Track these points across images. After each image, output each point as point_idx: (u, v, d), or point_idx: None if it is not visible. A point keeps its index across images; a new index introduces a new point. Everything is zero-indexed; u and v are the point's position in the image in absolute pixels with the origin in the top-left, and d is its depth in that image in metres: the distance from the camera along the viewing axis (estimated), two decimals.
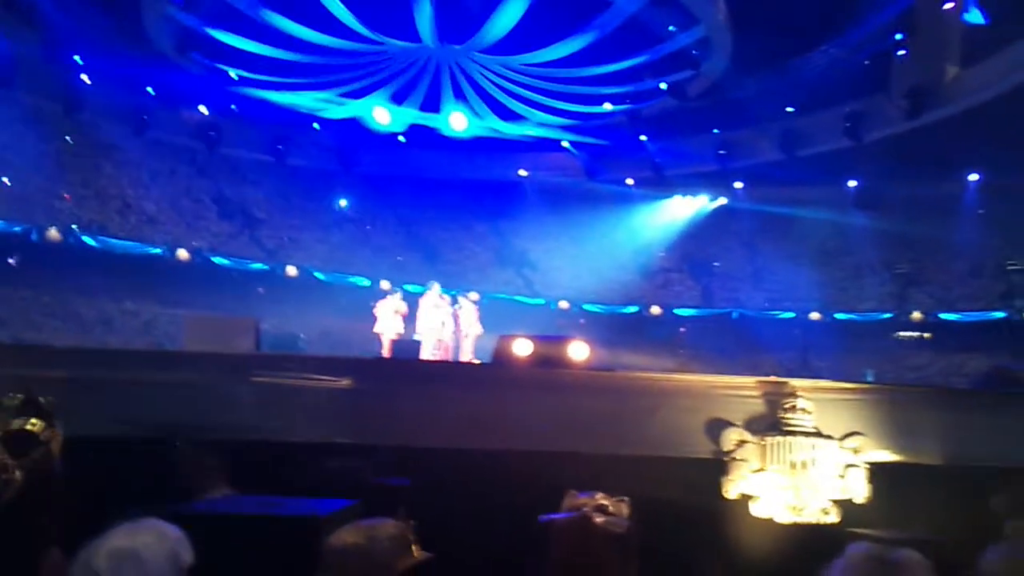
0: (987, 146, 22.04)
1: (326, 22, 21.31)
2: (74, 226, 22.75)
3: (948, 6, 19.87)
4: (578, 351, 8.52)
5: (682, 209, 31.17)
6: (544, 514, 2.94)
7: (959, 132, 21.93)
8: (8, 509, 3.13)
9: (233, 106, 25.79)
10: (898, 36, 21.30)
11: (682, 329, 28.41)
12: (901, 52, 22.14)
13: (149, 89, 24.69)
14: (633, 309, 29.07)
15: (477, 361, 16.61)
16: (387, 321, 17.16)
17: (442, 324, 17.37)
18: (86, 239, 22.79)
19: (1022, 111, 19.38)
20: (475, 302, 19.03)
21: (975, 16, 19.10)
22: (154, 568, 2.51)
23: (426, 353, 16.30)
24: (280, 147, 28.09)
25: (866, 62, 22.28)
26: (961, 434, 7.32)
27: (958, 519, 6.42)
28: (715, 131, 27.00)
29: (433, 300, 17.46)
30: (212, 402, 6.76)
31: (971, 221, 25.68)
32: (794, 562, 5.19)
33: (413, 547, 2.83)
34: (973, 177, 25.75)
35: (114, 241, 23.54)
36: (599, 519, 2.89)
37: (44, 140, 23.59)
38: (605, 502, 2.95)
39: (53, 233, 21.89)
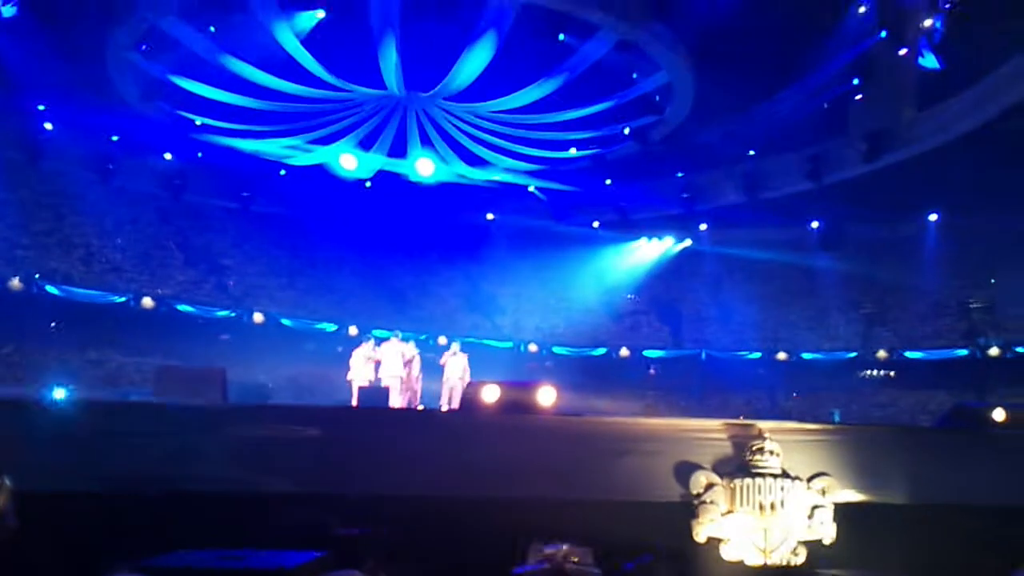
0: (945, 187, 22.50)
1: (292, 70, 21.36)
2: (37, 275, 22.43)
3: (903, 51, 20.25)
4: (545, 396, 8.50)
5: (648, 252, 31.41)
6: (512, 565, 2.94)
7: (917, 174, 22.34)
8: None
9: (199, 154, 25.69)
10: (855, 81, 21.73)
11: (651, 370, 28.51)
12: (858, 96, 22.58)
13: (114, 137, 24.58)
14: (602, 351, 29.10)
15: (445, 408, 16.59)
16: (358, 368, 17.04)
17: (405, 369, 17.25)
18: (49, 288, 22.47)
19: (977, 153, 19.81)
20: (445, 347, 18.95)
21: (930, 61, 19.46)
22: None
23: (393, 399, 16.19)
24: (246, 194, 28.05)
25: (825, 106, 22.67)
26: (926, 473, 7.40)
27: (924, 558, 6.47)
28: (679, 175, 27.31)
29: (396, 347, 17.36)
30: (178, 454, 6.68)
31: (932, 261, 26.08)
32: None
33: None
34: (932, 218, 26.22)
35: (78, 290, 23.23)
36: (570, 567, 2.90)
37: (6, 189, 23.34)
38: (571, 554, 2.97)
39: (15, 283, 21.58)
